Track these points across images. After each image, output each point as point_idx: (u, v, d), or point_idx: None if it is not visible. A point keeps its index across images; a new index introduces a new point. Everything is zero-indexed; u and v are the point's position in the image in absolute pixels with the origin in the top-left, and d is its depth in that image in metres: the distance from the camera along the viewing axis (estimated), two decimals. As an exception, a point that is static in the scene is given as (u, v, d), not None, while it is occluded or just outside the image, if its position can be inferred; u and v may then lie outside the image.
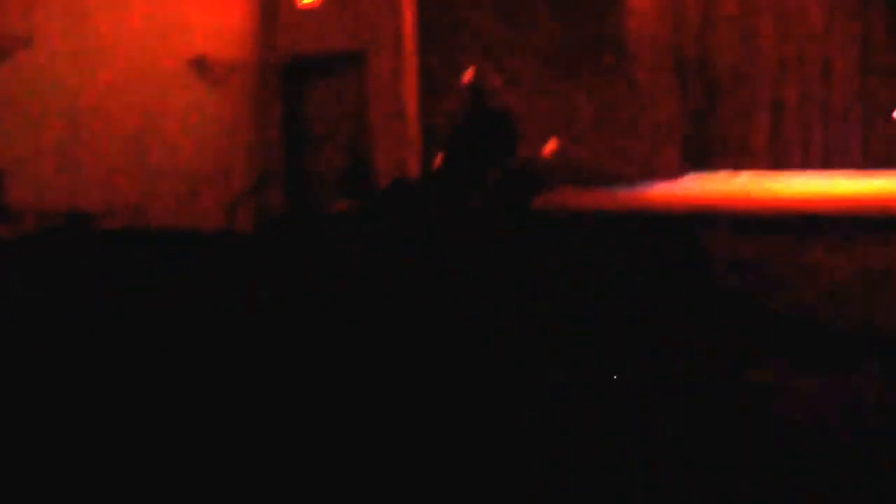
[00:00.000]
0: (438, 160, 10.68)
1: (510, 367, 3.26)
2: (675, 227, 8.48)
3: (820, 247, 7.97)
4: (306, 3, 11.62)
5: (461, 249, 4.82)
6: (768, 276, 8.08)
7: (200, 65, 11.32)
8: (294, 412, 3.33)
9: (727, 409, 4.39)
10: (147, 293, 4.04)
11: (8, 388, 3.72)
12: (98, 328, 3.80)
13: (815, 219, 8.13)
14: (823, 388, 5.82)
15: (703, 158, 11.88)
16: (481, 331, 3.32)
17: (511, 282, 3.64)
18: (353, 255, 4.07)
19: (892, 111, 10.78)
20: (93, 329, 3.80)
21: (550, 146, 10.76)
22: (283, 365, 3.44)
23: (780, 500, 3.99)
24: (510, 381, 3.22)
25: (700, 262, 7.71)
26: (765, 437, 4.53)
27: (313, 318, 3.50)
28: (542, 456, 3.16)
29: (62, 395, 3.71)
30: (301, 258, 4.10)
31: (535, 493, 3.09)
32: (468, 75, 9.02)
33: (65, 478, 3.57)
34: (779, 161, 11.56)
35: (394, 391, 3.23)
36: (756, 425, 4.69)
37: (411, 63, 11.15)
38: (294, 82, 12.03)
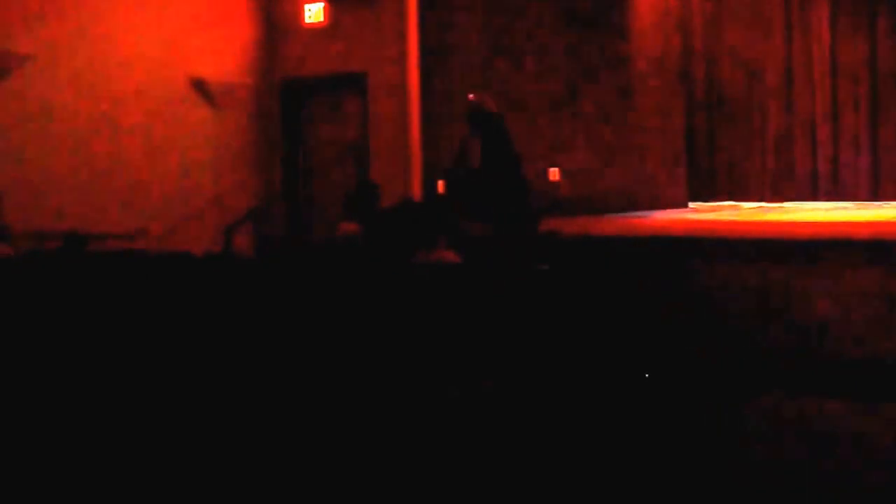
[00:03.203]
0: (441, 186, 10.64)
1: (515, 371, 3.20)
2: (673, 253, 8.41)
3: (818, 274, 7.90)
4: (311, 23, 11.56)
5: (467, 265, 4.75)
6: (766, 303, 8.01)
7: (201, 87, 11.26)
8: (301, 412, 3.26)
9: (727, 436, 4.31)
10: (141, 312, 3.97)
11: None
12: (93, 343, 3.74)
13: (812, 246, 8.03)
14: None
15: (708, 188, 11.81)
16: (484, 338, 3.26)
17: (515, 294, 3.58)
18: (361, 272, 4.00)
19: None
20: (89, 343, 3.74)
21: (553, 175, 10.71)
22: (292, 370, 3.37)
23: None
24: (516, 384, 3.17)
25: (695, 286, 7.62)
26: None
27: (318, 323, 3.44)
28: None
29: (56, 407, 3.64)
30: (306, 280, 4.03)
31: (535, 493, 3.03)
32: (469, 101, 8.95)
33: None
34: (785, 191, 11.48)
35: (396, 394, 3.17)
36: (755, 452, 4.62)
37: (414, 88, 11.09)
38: (296, 105, 11.97)
